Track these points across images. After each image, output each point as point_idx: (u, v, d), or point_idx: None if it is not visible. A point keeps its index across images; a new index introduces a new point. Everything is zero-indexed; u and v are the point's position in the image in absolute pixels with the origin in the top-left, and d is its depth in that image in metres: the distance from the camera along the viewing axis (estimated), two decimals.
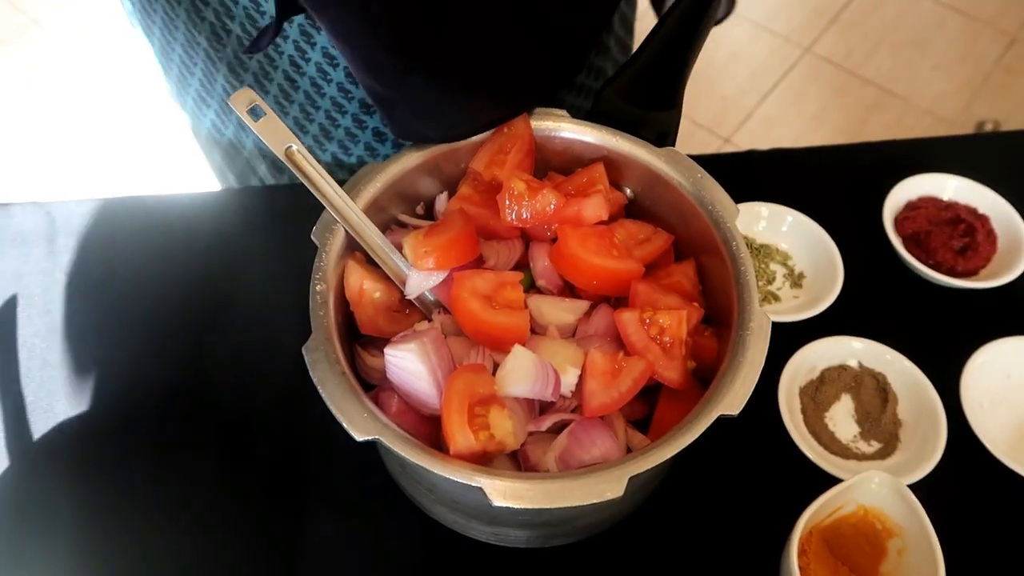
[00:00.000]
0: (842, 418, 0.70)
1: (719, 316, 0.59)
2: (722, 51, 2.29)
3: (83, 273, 0.76)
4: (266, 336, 0.72)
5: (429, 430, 0.55)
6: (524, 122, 0.62)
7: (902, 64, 2.28)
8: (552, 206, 0.59)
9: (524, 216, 0.59)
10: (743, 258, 0.57)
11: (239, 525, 0.64)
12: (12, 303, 0.74)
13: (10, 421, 0.68)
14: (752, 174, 0.85)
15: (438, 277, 0.58)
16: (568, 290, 0.61)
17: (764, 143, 2.14)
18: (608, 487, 0.47)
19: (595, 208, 0.59)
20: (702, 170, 0.61)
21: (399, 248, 0.59)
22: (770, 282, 0.77)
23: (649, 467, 0.48)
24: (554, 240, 0.60)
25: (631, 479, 0.48)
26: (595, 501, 0.47)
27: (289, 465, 0.66)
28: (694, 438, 0.49)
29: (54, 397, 0.69)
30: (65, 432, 0.68)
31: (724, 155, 0.91)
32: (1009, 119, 2.16)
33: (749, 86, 2.25)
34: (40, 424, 0.68)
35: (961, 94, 2.22)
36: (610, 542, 0.63)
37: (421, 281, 0.58)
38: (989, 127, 2.14)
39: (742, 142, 2.15)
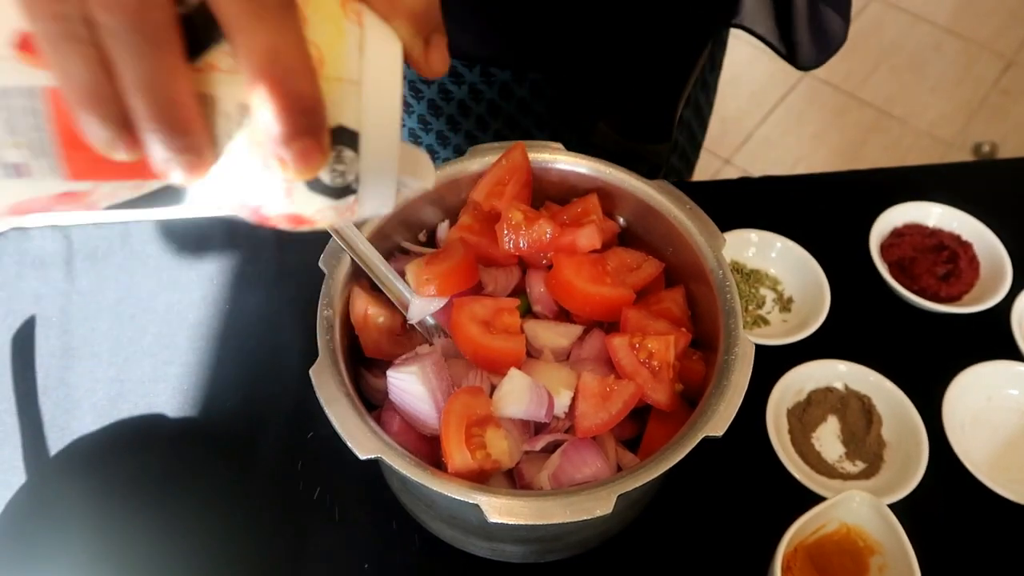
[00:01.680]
0: (828, 439, 0.72)
1: (707, 341, 0.62)
2: (723, 73, 2.33)
3: (99, 295, 0.79)
4: (275, 357, 0.75)
5: (429, 449, 0.58)
6: (522, 154, 0.65)
7: (900, 86, 2.32)
8: (548, 235, 0.62)
9: (521, 245, 0.62)
10: (729, 286, 0.60)
11: (246, 537, 0.66)
12: (31, 323, 0.77)
13: (28, 437, 0.71)
14: (745, 201, 0.88)
15: (439, 303, 0.61)
16: (563, 315, 0.64)
17: (764, 164, 2.17)
18: (598, 504, 0.50)
19: (589, 237, 0.62)
20: (691, 201, 0.64)
21: (402, 275, 0.62)
22: (760, 306, 0.80)
23: (637, 486, 0.51)
24: (550, 267, 0.63)
25: (620, 497, 0.50)
26: (585, 518, 0.49)
27: (295, 481, 0.69)
28: (679, 458, 0.52)
29: (70, 415, 0.72)
30: (80, 449, 0.71)
31: (718, 182, 0.94)
32: (1006, 141, 2.19)
33: (749, 107, 2.29)
34: (56, 441, 0.71)
35: (958, 116, 2.26)
36: (603, 558, 0.65)
37: (423, 307, 0.61)
38: (986, 149, 2.17)
39: (742, 163, 2.18)
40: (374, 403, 0.61)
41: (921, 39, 2.43)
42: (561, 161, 0.67)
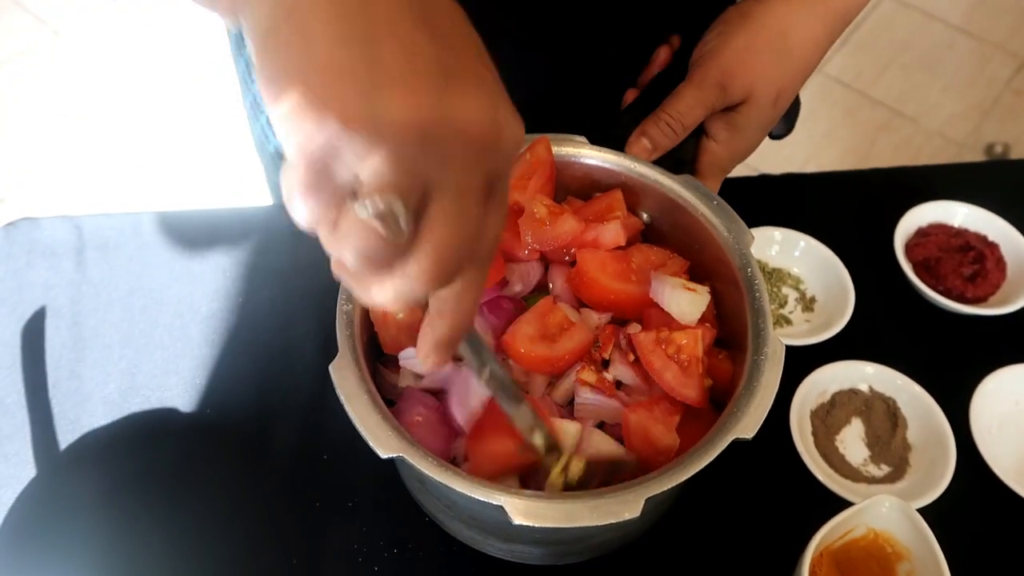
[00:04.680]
0: (852, 441, 0.71)
1: (733, 340, 0.60)
2: None
3: (110, 286, 0.78)
4: (289, 351, 0.74)
5: (445, 448, 0.57)
6: (546, 149, 0.64)
7: (912, 86, 2.30)
8: (571, 231, 0.60)
9: (544, 240, 0.60)
10: (758, 284, 0.58)
11: (258, 537, 0.65)
12: (41, 314, 0.76)
13: (37, 430, 0.70)
14: (765, 198, 0.87)
15: None
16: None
17: (774, 162, 2.15)
18: (626, 507, 0.48)
19: (613, 234, 0.61)
20: (717, 197, 0.63)
21: None
22: (782, 306, 0.79)
23: (666, 488, 0.49)
24: (572, 263, 0.61)
25: (647, 500, 0.49)
26: (613, 521, 0.48)
27: (308, 477, 0.68)
28: (709, 461, 0.50)
29: (81, 408, 0.71)
30: (90, 441, 0.70)
31: (738, 179, 0.92)
32: (1019, 142, 2.17)
33: None
34: (66, 433, 0.70)
35: (971, 116, 2.24)
36: (622, 561, 0.64)
37: None
38: (999, 150, 2.15)
39: (752, 160, 2.15)
40: (390, 400, 0.60)
41: (933, 38, 2.41)
42: (585, 155, 0.65)
